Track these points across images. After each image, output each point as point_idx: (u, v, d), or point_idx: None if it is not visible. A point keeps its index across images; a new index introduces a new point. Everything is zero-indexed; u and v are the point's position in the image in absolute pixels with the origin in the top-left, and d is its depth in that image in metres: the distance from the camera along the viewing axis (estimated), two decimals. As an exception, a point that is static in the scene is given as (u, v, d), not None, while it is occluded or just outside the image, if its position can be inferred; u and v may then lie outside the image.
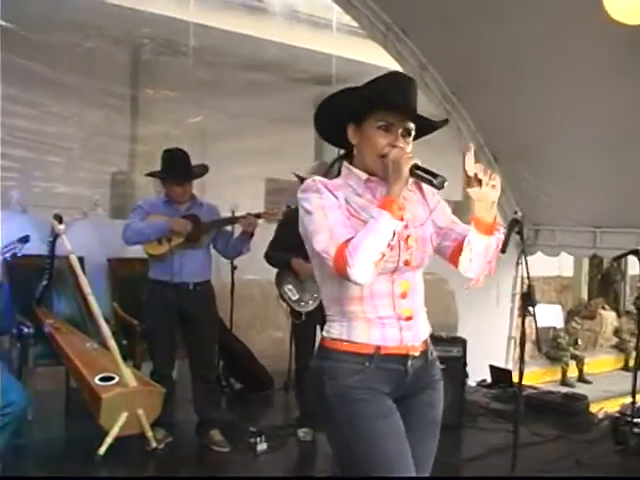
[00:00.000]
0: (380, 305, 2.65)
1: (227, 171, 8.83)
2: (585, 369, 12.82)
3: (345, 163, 2.78)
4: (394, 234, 2.48)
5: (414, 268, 2.72)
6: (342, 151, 2.85)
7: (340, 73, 10.51)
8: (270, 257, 5.90)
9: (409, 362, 2.70)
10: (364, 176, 2.71)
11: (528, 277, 4.33)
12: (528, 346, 5.56)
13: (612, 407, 7.63)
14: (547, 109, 6.74)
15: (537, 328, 4.21)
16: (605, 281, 16.28)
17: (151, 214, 5.58)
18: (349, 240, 2.47)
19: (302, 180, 6.07)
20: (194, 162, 5.69)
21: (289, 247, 5.53)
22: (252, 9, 9.73)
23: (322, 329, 2.76)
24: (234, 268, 6.98)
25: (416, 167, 2.54)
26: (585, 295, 15.67)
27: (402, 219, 2.51)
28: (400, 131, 2.66)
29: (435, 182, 2.53)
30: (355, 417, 2.62)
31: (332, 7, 8.86)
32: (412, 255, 2.68)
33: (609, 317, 14.54)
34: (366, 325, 2.65)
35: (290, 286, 5.82)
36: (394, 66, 7.28)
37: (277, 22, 9.79)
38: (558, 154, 7.02)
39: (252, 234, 5.62)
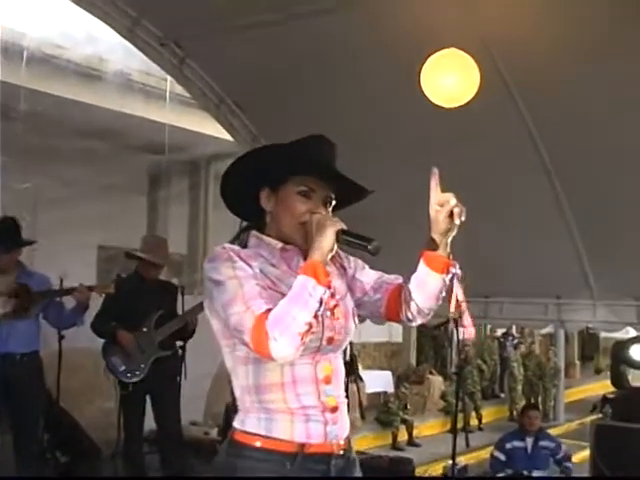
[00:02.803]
0: (303, 393, 2.31)
1: (58, 239, 8.68)
2: (415, 432, 13.07)
3: (254, 232, 2.48)
4: (321, 302, 2.17)
5: (336, 348, 2.42)
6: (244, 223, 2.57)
7: (173, 142, 10.61)
8: (96, 327, 5.83)
9: (332, 462, 2.37)
10: (278, 245, 2.42)
11: (351, 346, 4.47)
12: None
13: (437, 469, 7.89)
14: (375, 174, 6.95)
15: (360, 395, 4.35)
16: (433, 347, 16.87)
17: (-26, 282, 5.44)
18: (269, 311, 2.16)
19: (131, 257, 6.06)
20: (23, 229, 5.61)
21: (115, 317, 5.53)
22: (85, 76, 9.65)
23: (152, 396, 2.48)
24: (62, 337, 6.80)
25: (343, 232, 2.29)
26: (414, 360, 16.15)
27: (329, 286, 2.21)
28: (322, 198, 2.42)
29: (370, 247, 2.28)
30: None
31: (166, 77, 8.92)
32: (335, 331, 2.38)
33: (436, 382, 14.94)
34: (288, 418, 2.30)
35: (116, 357, 5.76)
36: (227, 136, 7.39)
37: (111, 90, 9.75)
38: (382, 219, 7.26)
39: (87, 306, 5.58)
